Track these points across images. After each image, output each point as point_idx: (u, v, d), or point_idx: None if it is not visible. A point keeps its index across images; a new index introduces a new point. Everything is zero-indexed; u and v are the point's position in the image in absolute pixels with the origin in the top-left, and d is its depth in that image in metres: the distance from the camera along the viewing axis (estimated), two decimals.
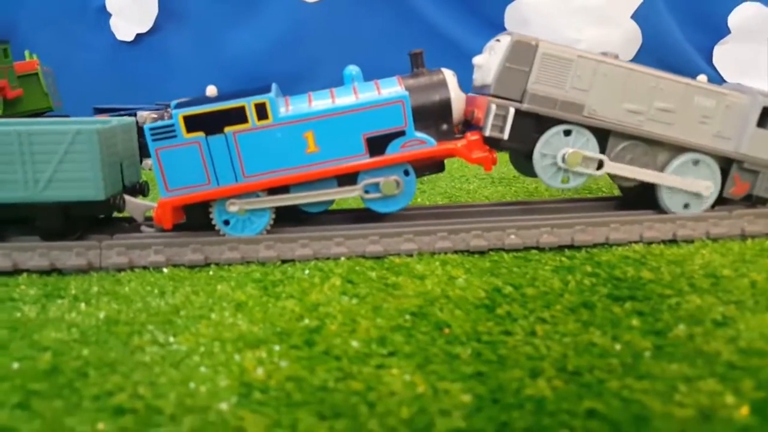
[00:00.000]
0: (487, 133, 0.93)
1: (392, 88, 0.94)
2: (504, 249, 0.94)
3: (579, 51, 0.93)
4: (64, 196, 0.90)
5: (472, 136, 0.94)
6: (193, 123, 0.89)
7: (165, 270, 0.90)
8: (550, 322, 0.67)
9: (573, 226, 0.96)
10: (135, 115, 2.07)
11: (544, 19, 2.66)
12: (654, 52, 2.67)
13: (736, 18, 2.76)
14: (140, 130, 1.95)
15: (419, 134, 0.93)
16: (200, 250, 0.92)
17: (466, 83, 1.04)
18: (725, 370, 0.55)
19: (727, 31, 2.75)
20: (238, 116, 0.90)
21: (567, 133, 0.94)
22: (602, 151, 0.95)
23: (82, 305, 0.78)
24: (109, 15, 2.87)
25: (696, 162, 0.97)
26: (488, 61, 0.96)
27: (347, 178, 0.94)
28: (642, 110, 0.94)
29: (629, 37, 2.67)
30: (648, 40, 2.66)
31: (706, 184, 0.97)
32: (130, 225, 1.03)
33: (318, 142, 0.91)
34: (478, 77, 0.99)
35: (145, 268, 0.91)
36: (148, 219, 0.99)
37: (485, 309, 0.71)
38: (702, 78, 0.99)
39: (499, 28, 2.74)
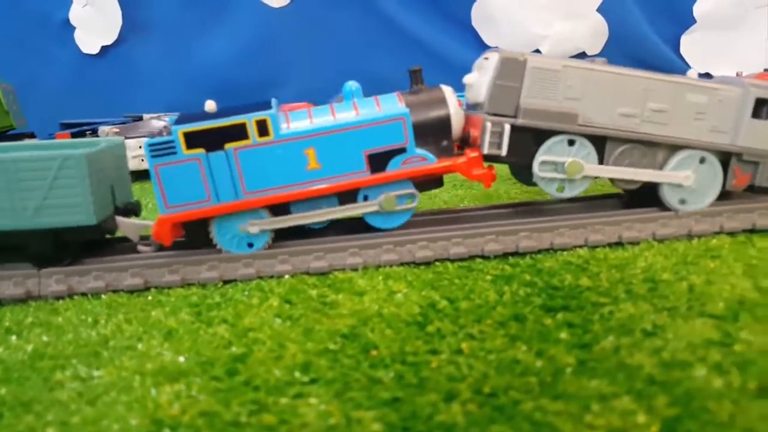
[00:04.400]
0: (486, 150, 0.93)
1: (393, 105, 0.94)
2: (450, 259, 0.93)
3: (567, 61, 0.93)
4: (54, 222, 0.89)
5: (472, 153, 0.95)
6: (193, 139, 0.89)
7: (104, 296, 0.88)
8: (478, 338, 0.66)
9: (518, 233, 0.95)
10: (96, 131, 2.06)
11: (511, 16, 2.66)
12: (621, 45, 2.68)
13: (701, 7, 2.77)
14: None
15: (420, 151, 0.93)
16: (140, 274, 0.91)
17: (435, 82, 1.02)
18: (643, 386, 0.55)
19: (693, 21, 2.77)
20: (238, 133, 0.89)
21: (568, 143, 0.95)
22: (600, 157, 0.96)
23: (13, 338, 0.76)
24: (73, 28, 2.84)
25: (694, 158, 0.97)
26: (478, 80, 0.97)
27: (347, 194, 0.94)
28: (636, 113, 0.94)
29: (596, 30, 2.67)
30: (615, 32, 2.66)
31: (685, 174, 0.97)
32: (125, 245, 1.01)
33: (319, 158, 0.91)
34: (470, 96, 1.00)
35: (84, 295, 0.90)
36: (144, 238, 0.98)
37: (417, 326, 0.70)
38: (692, 73, 1.01)
39: (466, 26, 2.74)
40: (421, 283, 0.84)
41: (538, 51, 2.65)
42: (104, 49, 2.84)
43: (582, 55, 2.62)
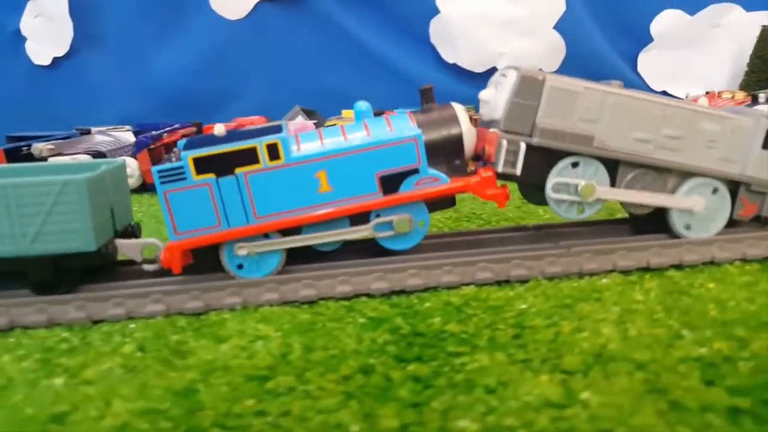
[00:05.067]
0: (500, 169, 0.93)
1: (404, 126, 0.93)
2: (334, 297, 0.91)
3: (586, 83, 0.93)
4: (53, 248, 0.88)
5: (485, 173, 0.94)
6: (203, 165, 0.88)
7: None
8: (314, 396, 0.63)
9: (406, 270, 0.92)
10: (30, 147, 2.02)
11: (468, 33, 2.65)
12: (578, 62, 2.67)
13: (658, 25, 2.77)
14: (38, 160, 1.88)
15: (432, 171, 0.92)
16: (7, 313, 0.87)
17: (394, 97, 1.00)
18: None
19: (651, 39, 2.77)
20: (249, 157, 0.89)
21: (577, 165, 0.94)
22: (612, 180, 0.96)
23: None
24: (25, 39, 2.79)
25: (704, 186, 0.98)
26: (495, 97, 0.96)
27: (359, 216, 0.93)
28: (650, 138, 0.94)
29: (553, 47, 2.67)
30: (572, 50, 2.66)
31: (696, 200, 0.97)
32: (129, 268, 1.00)
33: (331, 181, 0.91)
34: (485, 112, 0.99)
35: None
36: (147, 256, 0.97)
37: (258, 382, 0.67)
38: (702, 101, 1.05)
39: (424, 41, 2.72)
40: (294, 326, 0.81)
41: (495, 68, 2.64)
42: (56, 60, 2.79)
43: None
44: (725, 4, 2.72)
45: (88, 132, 2.30)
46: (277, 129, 0.92)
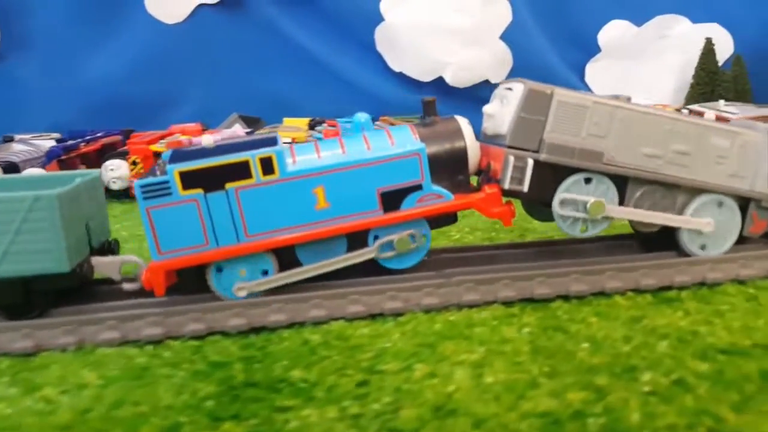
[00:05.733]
0: (507, 186, 0.88)
1: (407, 140, 0.88)
2: (225, 331, 0.82)
3: (594, 97, 0.90)
4: (22, 270, 0.81)
5: (490, 189, 0.89)
6: (190, 179, 0.81)
7: None
8: None
9: (269, 304, 0.84)
10: None
11: (415, 41, 2.57)
12: (526, 73, 2.58)
13: (605, 35, 2.74)
14: None
15: (436, 188, 0.88)
16: None
17: (339, 105, 0.93)
18: None
19: (598, 49, 2.74)
20: (241, 171, 0.82)
21: (587, 180, 0.90)
22: (621, 197, 0.92)
23: None
24: None
25: (715, 203, 0.95)
26: (500, 111, 0.92)
27: (356, 235, 0.87)
28: (660, 154, 0.92)
29: (500, 58, 2.61)
30: (519, 60, 2.61)
31: (707, 221, 0.94)
32: (107, 287, 0.92)
33: (328, 197, 0.85)
34: (490, 126, 0.94)
35: None
36: (126, 275, 0.90)
37: None
38: (709, 115, 1.01)
39: (370, 49, 2.65)
40: (121, 372, 0.72)
41: (441, 78, 2.58)
42: None
43: (486, 83, 2.57)
44: (672, 16, 2.70)
45: (12, 139, 2.18)
46: (272, 141, 0.85)
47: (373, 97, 2.57)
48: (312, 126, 2.25)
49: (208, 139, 0.85)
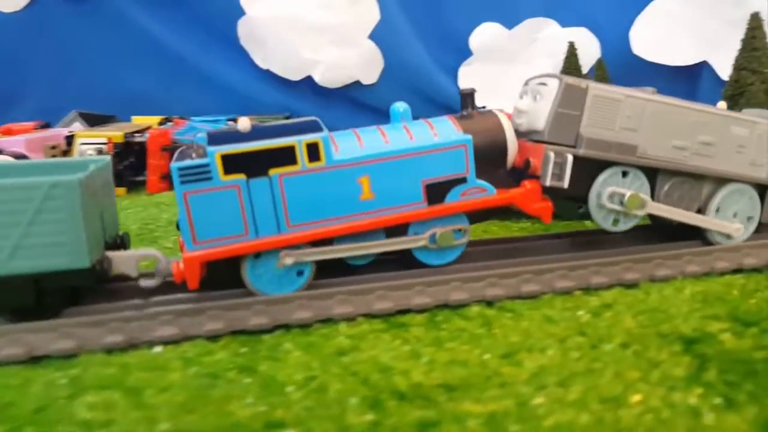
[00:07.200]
0: (547, 182, 0.88)
1: (451, 131, 0.87)
2: (152, 342, 0.74)
3: (627, 91, 0.91)
4: (35, 266, 0.74)
5: (530, 184, 0.89)
6: (232, 163, 0.77)
7: None
8: None
9: (204, 312, 0.77)
10: None
11: (280, 37, 2.44)
12: (397, 74, 2.54)
13: (476, 38, 2.73)
14: None
15: (480, 181, 0.87)
16: None
17: (201, 103, 0.78)
18: None
19: (470, 53, 2.72)
20: (286, 157, 0.79)
21: (624, 174, 0.92)
22: (651, 190, 0.94)
23: None
24: None
25: (738, 192, 0.98)
26: (534, 107, 0.92)
27: (395, 228, 0.85)
28: (687, 145, 0.94)
29: (369, 57, 2.51)
30: (390, 60, 2.53)
31: (736, 227, 0.98)
32: (122, 285, 0.86)
33: (373, 188, 0.82)
34: (524, 122, 0.93)
35: None
36: (143, 271, 0.84)
37: None
38: (722, 105, 1.02)
39: (233, 44, 2.48)
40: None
41: (310, 77, 2.47)
42: None
43: (357, 84, 2.48)
44: (541, 19, 2.72)
45: None
46: (315, 125, 0.81)
47: (238, 95, 2.42)
48: (162, 125, 2.10)
49: (244, 123, 0.78)
